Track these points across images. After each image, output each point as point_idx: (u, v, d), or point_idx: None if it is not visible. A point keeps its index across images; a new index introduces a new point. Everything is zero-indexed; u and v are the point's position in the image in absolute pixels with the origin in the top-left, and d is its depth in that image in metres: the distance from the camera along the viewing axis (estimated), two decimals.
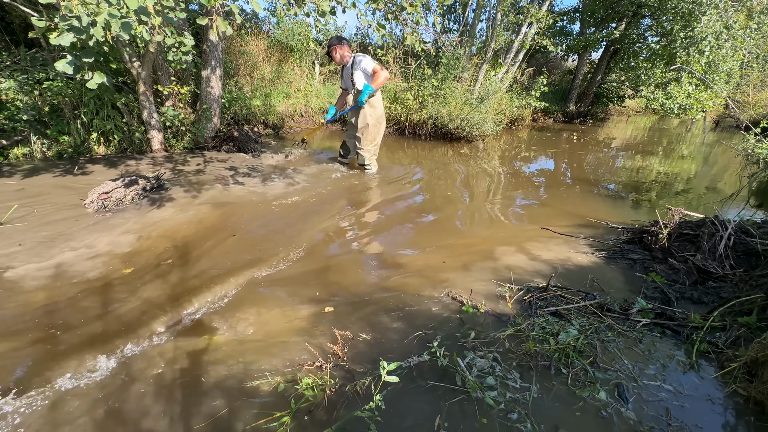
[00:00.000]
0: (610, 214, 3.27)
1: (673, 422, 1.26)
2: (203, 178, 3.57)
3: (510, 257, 2.37)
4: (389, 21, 3.05)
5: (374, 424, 1.19)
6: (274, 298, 1.86)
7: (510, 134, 7.80)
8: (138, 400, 1.27)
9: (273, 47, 6.61)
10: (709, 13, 6.27)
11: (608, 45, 9.50)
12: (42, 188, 3.03)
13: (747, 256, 2.17)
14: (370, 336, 1.61)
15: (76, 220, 2.53)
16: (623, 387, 1.39)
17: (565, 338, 1.54)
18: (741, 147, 4.63)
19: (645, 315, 1.78)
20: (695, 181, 4.83)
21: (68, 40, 1.73)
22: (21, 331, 1.54)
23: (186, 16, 2.16)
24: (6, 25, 4.07)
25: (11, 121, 3.55)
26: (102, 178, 3.28)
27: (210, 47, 4.34)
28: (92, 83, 1.97)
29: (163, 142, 4.30)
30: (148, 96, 3.91)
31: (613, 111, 12.48)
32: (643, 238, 2.58)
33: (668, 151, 6.88)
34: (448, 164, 4.87)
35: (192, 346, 1.51)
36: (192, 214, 2.76)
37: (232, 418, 1.22)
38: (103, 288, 1.85)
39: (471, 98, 6.40)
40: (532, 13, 6.74)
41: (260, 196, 3.21)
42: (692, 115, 7.19)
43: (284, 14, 2.69)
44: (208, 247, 2.30)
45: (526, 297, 1.90)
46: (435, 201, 3.44)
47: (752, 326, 1.62)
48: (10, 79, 3.48)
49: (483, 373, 1.40)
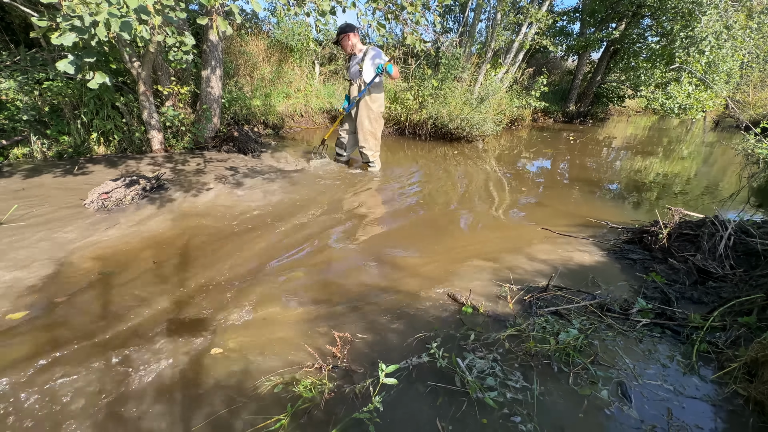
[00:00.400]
0: (610, 214, 3.26)
1: (674, 422, 1.26)
2: (203, 178, 3.57)
3: (510, 257, 2.37)
4: (389, 21, 3.05)
5: (373, 425, 1.19)
6: (274, 296, 1.86)
7: (510, 134, 7.80)
8: (136, 400, 1.26)
9: (273, 47, 6.61)
10: (709, 13, 6.28)
11: (608, 45, 9.51)
12: (42, 188, 3.03)
13: (747, 256, 2.17)
14: (369, 337, 1.61)
15: (76, 219, 2.53)
16: (626, 385, 1.39)
17: (566, 338, 1.54)
18: (741, 147, 4.63)
19: (645, 315, 1.78)
20: (695, 181, 4.83)
21: (70, 40, 1.73)
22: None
23: (186, 15, 2.16)
24: (6, 25, 4.07)
25: (11, 121, 3.55)
26: (102, 178, 3.28)
27: (210, 47, 4.34)
28: (93, 83, 1.97)
29: (163, 142, 4.30)
30: (148, 96, 3.91)
31: (613, 111, 12.49)
32: (643, 238, 2.57)
33: (668, 151, 6.88)
34: (448, 165, 4.87)
35: (191, 346, 1.51)
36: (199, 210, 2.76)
37: (231, 419, 1.22)
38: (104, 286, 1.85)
39: (471, 98, 6.40)
40: (531, 13, 6.74)
41: (260, 198, 3.21)
42: (692, 115, 7.20)
43: (284, 14, 2.68)
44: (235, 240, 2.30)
45: (527, 297, 1.90)
46: (435, 201, 3.44)
47: (752, 326, 1.62)
48: (10, 79, 3.48)
49: (483, 374, 1.40)
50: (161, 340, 1.53)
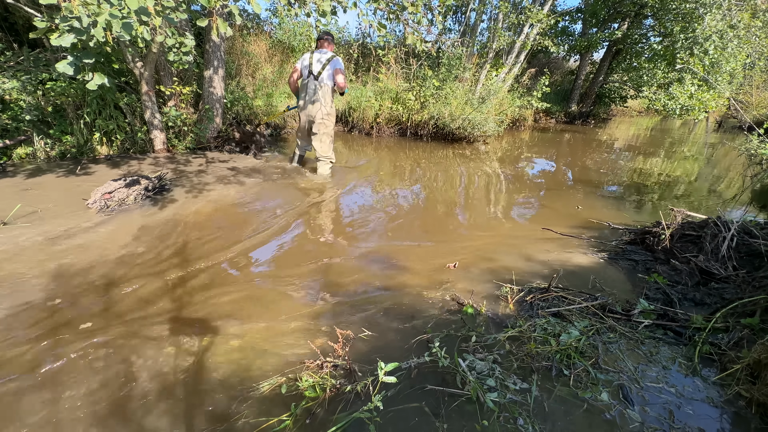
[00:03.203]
0: (613, 215, 3.25)
1: (676, 424, 1.25)
2: (205, 178, 3.58)
3: (511, 258, 2.36)
4: (390, 21, 3.05)
5: (373, 424, 1.18)
6: (274, 296, 1.86)
7: (512, 135, 7.78)
8: (139, 399, 1.27)
9: (275, 47, 6.62)
10: (712, 13, 6.24)
11: (610, 45, 9.47)
12: (45, 188, 3.05)
13: (750, 258, 2.16)
14: (370, 336, 1.61)
15: (78, 220, 2.54)
16: (627, 388, 1.38)
17: (567, 339, 1.53)
18: (744, 148, 4.61)
19: (647, 316, 1.77)
20: (698, 182, 4.80)
21: (68, 41, 1.74)
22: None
23: (188, 16, 2.17)
24: (9, 26, 4.09)
25: (14, 121, 3.57)
26: (105, 178, 3.29)
27: (212, 47, 4.35)
28: (92, 84, 1.97)
29: (166, 143, 4.31)
30: (150, 96, 3.93)
31: (616, 111, 12.45)
32: (645, 239, 2.56)
33: (670, 152, 6.85)
34: (450, 165, 4.87)
35: (193, 344, 1.51)
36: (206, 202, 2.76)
37: (234, 418, 1.22)
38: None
39: (472, 98, 6.40)
40: (532, 14, 6.72)
41: (262, 198, 3.21)
42: (695, 116, 7.16)
43: (285, 15, 2.68)
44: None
45: (528, 298, 1.89)
46: (436, 202, 3.44)
47: (755, 328, 1.61)
48: (13, 79, 3.50)
49: (483, 375, 1.40)
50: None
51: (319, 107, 3.62)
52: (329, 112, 3.68)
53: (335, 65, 3.51)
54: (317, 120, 3.66)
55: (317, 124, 3.68)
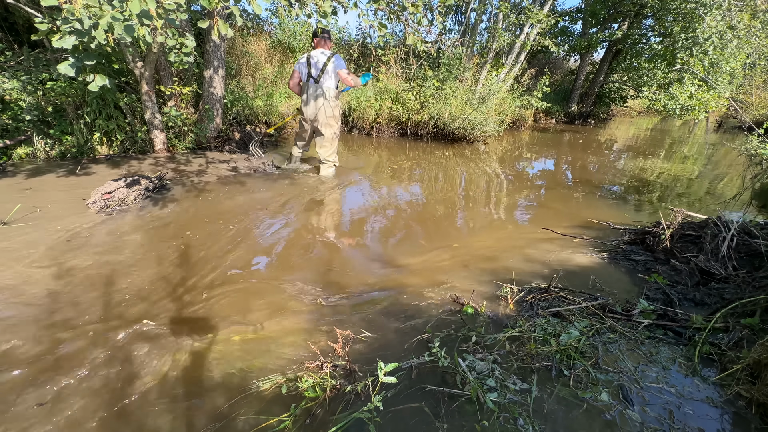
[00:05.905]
0: (613, 215, 3.25)
1: (676, 425, 1.25)
2: (205, 178, 3.58)
3: (511, 258, 2.36)
4: (391, 21, 3.05)
5: (373, 425, 1.19)
6: (274, 296, 1.86)
7: (512, 135, 7.79)
8: (140, 398, 1.27)
9: (275, 47, 6.62)
10: (712, 14, 6.24)
11: (610, 45, 9.47)
12: (45, 188, 3.05)
13: (750, 258, 2.16)
14: (370, 336, 1.61)
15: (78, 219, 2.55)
16: (626, 389, 1.38)
17: (567, 339, 1.53)
18: (744, 148, 4.61)
19: (647, 316, 1.77)
20: (698, 182, 4.81)
21: (70, 43, 1.74)
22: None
23: (188, 16, 2.17)
24: (10, 26, 4.09)
25: (15, 121, 3.57)
26: (105, 178, 3.29)
27: (212, 48, 4.35)
28: (93, 86, 1.97)
29: (166, 143, 4.32)
30: (150, 96, 3.93)
31: (616, 111, 12.45)
32: (645, 239, 2.56)
33: (670, 152, 6.85)
34: (450, 165, 4.87)
35: (193, 344, 1.51)
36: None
37: (233, 417, 1.22)
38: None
39: (472, 98, 6.40)
40: (532, 14, 6.72)
41: (263, 198, 3.21)
42: (695, 116, 7.16)
43: (286, 15, 2.69)
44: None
45: (528, 298, 1.89)
46: (436, 202, 3.44)
47: (755, 328, 1.61)
48: (13, 79, 3.50)
49: (483, 375, 1.40)
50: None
51: (321, 110, 3.59)
52: (333, 114, 3.64)
53: (336, 64, 3.49)
54: (321, 123, 3.64)
55: (322, 127, 3.66)
